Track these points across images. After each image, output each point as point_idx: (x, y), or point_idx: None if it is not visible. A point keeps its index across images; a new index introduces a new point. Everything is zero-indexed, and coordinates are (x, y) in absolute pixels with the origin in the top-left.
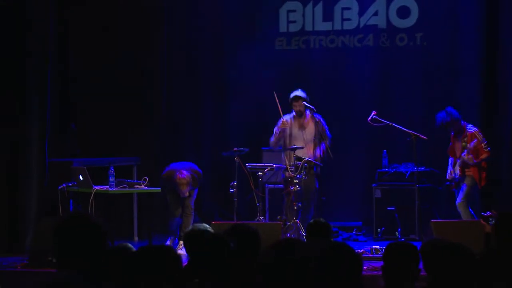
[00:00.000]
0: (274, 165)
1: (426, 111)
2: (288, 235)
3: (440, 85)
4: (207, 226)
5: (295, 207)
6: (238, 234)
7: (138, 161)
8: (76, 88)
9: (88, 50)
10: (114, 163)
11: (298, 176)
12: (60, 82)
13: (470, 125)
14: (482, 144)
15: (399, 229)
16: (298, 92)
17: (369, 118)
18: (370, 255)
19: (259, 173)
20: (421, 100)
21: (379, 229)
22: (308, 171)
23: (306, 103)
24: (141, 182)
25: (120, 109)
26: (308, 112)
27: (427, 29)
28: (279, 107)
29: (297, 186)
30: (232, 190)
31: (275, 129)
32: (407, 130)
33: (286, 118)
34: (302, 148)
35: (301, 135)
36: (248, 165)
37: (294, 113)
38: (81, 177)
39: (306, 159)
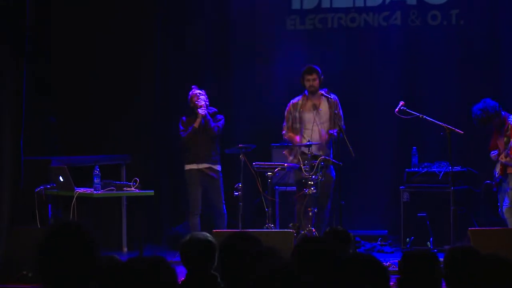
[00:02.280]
0: (286, 164)
1: (462, 102)
2: None
3: (478, 71)
4: (208, 235)
5: (310, 213)
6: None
7: (128, 160)
8: (56, 76)
9: (72, 33)
10: (99, 161)
11: (313, 177)
12: (38, 69)
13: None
14: None
15: (431, 239)
16: (312, 65)
17: (396, 109)
18: (397, 268)
19: (268, 173)
20: (456, 89)
21: (407, 239)
22: (326, 171)
23: (321, 91)
24: (131, 183)
25: (106, 100)
26: (323, 91)
27: (464, 5)
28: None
29: (312, 188)
30: (236, 193)
31: (285, 114)
32: (440, 123)
33: (295, 100)
34: (318, 144)
35: (313, 116)
36: (255, 164)
37: (305, 92)
38: (61, 178)
39: (323, 157)
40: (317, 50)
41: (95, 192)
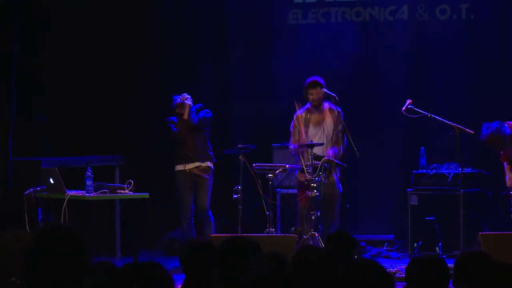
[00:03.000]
0: (287, 166)
1: (472, 100)
2: None
3: (489, 68)
4: (207, 240)
5: (313, 217)
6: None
7: (122, 161)
8: (46, 72)
9: (63, 28)
10: (92, 163)
11: (316, 179)
12: (28, 65)
13: None
14: None
15: (440, 244)
16: (316, 77)
17: (404, 108)
18: (404, 275)
19: (269, 175)
20: (466, 86)
21: (415, 244)
22: (329, 173)
23: (326, 90)
24: (125, 186)
25: (99, 98)
26: (326, 103)
27: None
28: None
29: (315, 191)
30: (236, 196)
31: (291, 128)
32: (449, 122)
33: (300, 112)
34: (321, 144)
35: (318, 132)
36: (255, 166)
37: (309, 105)
38: (51, 180)
39: (326, 158)
40: (320, 46)
41: (87, 194)
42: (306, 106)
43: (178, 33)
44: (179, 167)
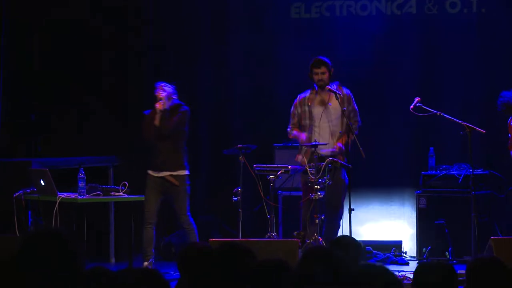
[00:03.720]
0: (290, 167)
1: (484, 97)
2: None
3: (501, 64)
4: (207, 244)
5: (317, 220)
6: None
7: (115, 162)
8: (37, 69)
9: (55, 23)
10: (85, 164)
11: (320, 180)
12: (16, 61)
13: None
14: None
15: (450, 249)
16: (320, 57)
17: (412, 106)
18: (412, 281)
19: (270, 176)
20: (477, 83)
21: (424, 249)
22: (334, 174)
23: (330, 87)
24: (119, 188)
25: (93, 96)
26: (333, 85)
27: None
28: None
29: (319, 193)
30: (235, 199)
31: (291, 109)
32: (460, 121)
33: (303, 95)
34: (325, 144)
35: (323, 115)
36: (256, 167)
37: (315, 86)
38: (42, 182)
39: (331, 159)
40: (324, 41)
41: (79, 197)
42: (308, 91)
43: (176, 28)
44: (151, 172)
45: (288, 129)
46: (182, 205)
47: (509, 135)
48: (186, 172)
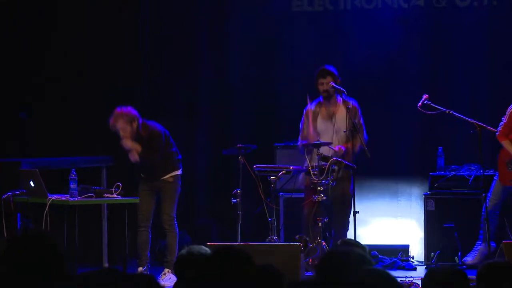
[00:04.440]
0: (291, 167)
1: (494, 95)
2: (310, 260)
3: None
4: (206, 248)
5: (320, 223)
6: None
7: (109, 162)
8: (28, 64)
9: (48, 24)
10: (76, 164)
11: (323, 181)
12: (6, 57)
13: None
14: None
15: (459, 253)
16: (326, 66)
17: (419, 103)
18: (420, 287)
19: (271, 177)
20: (488, 80)
21: (432, 253)
22: (337, 175)
23: (334, 84)
24: (113, 189)
25: (85, 92)
26: (339, 96)
27: None
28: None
29: (322, 195)
30: (235, 201)
31: (301, 124)
32: (470, 119)
33: (310, 106)
34: (329, 143)
35: (329, 126)
36: (256, 167)
37: (321, 98)
38: (32, 183)
39: (334, 159)
40: (327, 36)
41: (71, 199)
42: (318, 99)
43: (173, 27)
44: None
45: (298, 143)
46: (168, 204)
47: (502, 122)
48: (178, 172)
